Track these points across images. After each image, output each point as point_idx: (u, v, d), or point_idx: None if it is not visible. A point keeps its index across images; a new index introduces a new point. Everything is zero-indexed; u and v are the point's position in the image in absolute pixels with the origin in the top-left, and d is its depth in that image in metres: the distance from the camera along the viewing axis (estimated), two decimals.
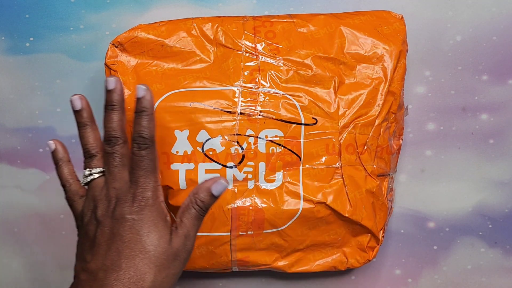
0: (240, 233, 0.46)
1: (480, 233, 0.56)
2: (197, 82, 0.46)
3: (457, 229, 0.56)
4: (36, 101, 0.56)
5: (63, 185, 0.40)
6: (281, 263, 0.49)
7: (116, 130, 0.37)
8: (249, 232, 0.46)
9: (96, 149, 0.39)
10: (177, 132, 0.45)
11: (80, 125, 0.39)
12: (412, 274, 0.56)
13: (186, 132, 0.45)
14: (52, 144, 0.41)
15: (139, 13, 0.55)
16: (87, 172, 0.39)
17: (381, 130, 0.48)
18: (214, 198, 0.38)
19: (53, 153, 0.41)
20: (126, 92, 0.46)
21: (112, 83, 0.38)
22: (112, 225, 0.36)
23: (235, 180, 0.46)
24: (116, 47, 0.47)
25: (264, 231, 0.46)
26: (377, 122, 0.47)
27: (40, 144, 0.56)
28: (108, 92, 0.38)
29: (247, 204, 0.46)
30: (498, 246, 0.56)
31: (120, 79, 0.38)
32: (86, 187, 0.39)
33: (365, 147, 0.47)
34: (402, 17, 0.49)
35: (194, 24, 0.48)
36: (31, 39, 0.55)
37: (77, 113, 0.39)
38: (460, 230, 0.56)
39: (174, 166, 0.46)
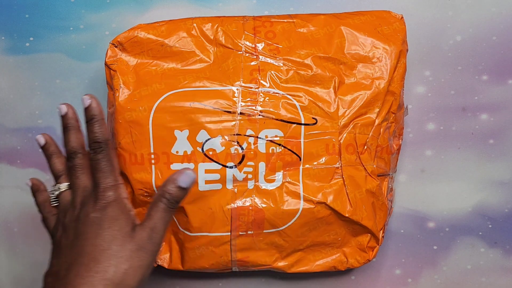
0: (240, 233, 0.46)
1: (480, 233, 0.56)
2: (197, 82, 0.46)
3: (457, 229, 0.56)
4: (36, 101, 0.56)
5: (39, 210, 0.43)
6: (281, 263, 0.49)
7: (74, 147, 0.41)
8: (249, 232, 0.46)
9: (63, 172, 0.42)
10: (177, 132, 0.45)
11: (47, 157, 0.43)
12: (412, 274, 0.56)
13: (186, 132, 0.45)
14: (29, 182, 0.44)
15: (139, 13, 0.55)
16: (52, 188, 0.42)
17: (381, 130, 0.48)
18: (182, 190, 0.38)
19: (32, 188, 0.44)
20: (126, 92, 0.47)
21: (63, 109, 0.41)
22: (76, 226, 0.38)
23: (235, 180, 0.46)
24: (116, 46, 0.47)
25: (264, 231, 0.46)
26: (377, 122, 0.47)
27: None
28: (62, 117, 0.41)
29: (247, 204, 0.46)
30: (498, 246, 0.56)
31: (71, 105, 0.41)
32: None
33: (365, 147, 0.47)
34: (402, 17, 0.49)
35: (194, 24, 0.48)
36: (31, 39, 0.55)
37: (43, 147, 0.43)
38: (460, 230, 0.56)
39: (174, 166, 0.46)
